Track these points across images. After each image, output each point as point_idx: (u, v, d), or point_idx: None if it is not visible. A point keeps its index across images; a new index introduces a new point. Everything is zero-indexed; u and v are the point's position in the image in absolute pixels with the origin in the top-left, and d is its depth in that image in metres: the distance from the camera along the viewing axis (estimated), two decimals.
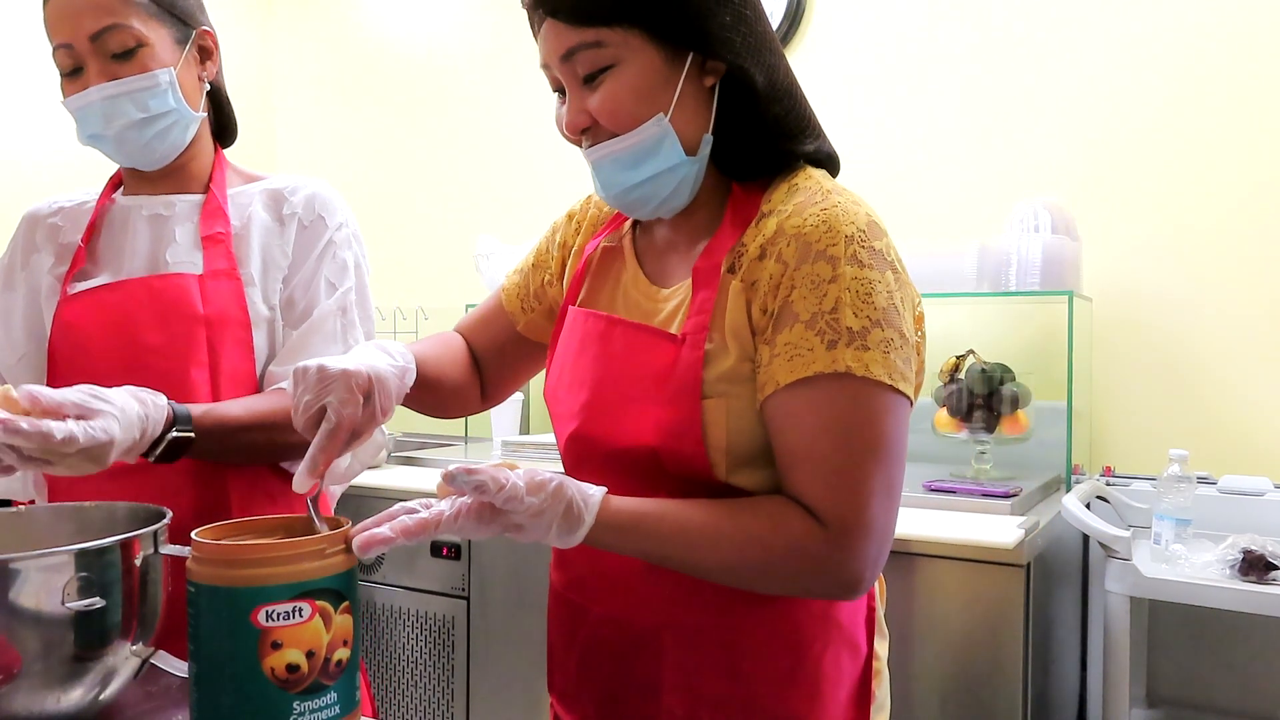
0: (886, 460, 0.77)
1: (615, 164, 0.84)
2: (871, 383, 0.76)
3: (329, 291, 1.19)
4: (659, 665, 0.87)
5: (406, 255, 3.09)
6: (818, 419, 0.77)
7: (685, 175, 0.86)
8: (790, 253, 0.80)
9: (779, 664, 0.85)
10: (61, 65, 1.11)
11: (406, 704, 2.12)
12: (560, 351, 0.96)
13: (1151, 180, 2.07)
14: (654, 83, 0.82)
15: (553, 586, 1.00)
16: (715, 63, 0.83)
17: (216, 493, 1.12)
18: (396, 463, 2.39)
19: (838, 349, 0.76)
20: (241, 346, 1.14)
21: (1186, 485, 1.60)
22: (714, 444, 0.81)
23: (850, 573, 0.77)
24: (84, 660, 0.74)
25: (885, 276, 0.79)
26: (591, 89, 0.83)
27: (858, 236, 0.78)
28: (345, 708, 0.70)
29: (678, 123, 0.83)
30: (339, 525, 0.73)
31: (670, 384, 0.82)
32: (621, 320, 0.90)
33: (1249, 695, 1.84)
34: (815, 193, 0.83)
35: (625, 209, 0.90)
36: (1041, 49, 2.18)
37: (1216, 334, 2.01)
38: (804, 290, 0.78)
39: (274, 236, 1.19)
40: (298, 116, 3.35)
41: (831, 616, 0.87)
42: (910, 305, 0.82)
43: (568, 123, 0.85)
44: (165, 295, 1.13)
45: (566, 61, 0.83)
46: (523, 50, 2.89)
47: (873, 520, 0.76)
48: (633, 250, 0.96)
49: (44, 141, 2.62)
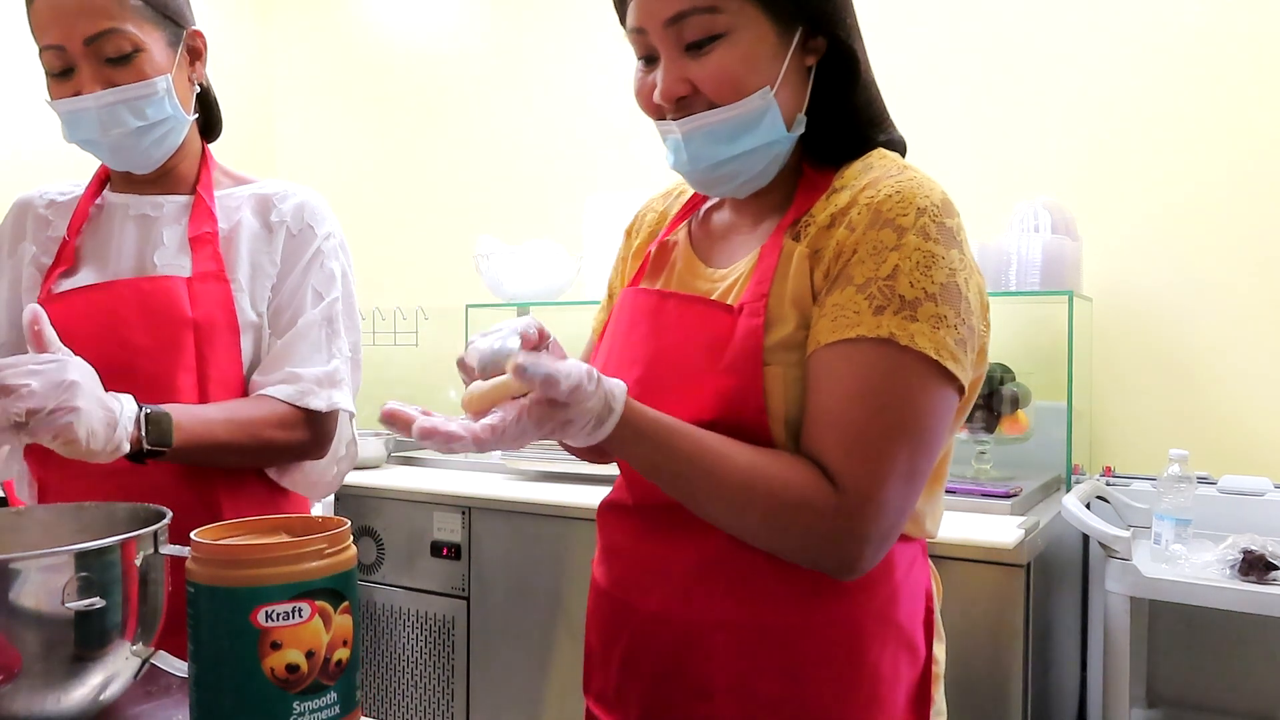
0: (916, 440, 0.75)
1: (710, 136, 0.82)
2: (915, 354, 0.74)
3: (315, 301, 1.18)
4: (711, 666, 0.83)
5: (406, 255, 3.09)
6: (853, 382, 0.75)
7: (778, 152, 0.84)
8: (860, 220, 0.78)
9: (836, 665, 0.82)
10: (50, 66, 1.09)
11: (406, 704, 2.12)
12: (610, 333, 0.94)
13: (1151, 181, 2.07)
14: (764, 54, 0.80)
15: (596, 584, 0.96)
16: (816, 42, 0.83)
17: (206, 495, 1.11)
18: (396, 463, 2.39)
19: (884, 315, 0.74)
20: (229, 350, 1.13)
21: (1186, 485, 1.60)
22: (774, 413, 0.79)
23: (851, 547, 0.74)
24: (84, 660, 0.74)
25: (950, 254, 0.77)
26: (697, 57, 0.80)
27: (930, 210, 0.77)
28: (345, 708, 0.70)
29: (780, 98, 0.81)
30: (339, 525, 0.73)
31: (729, 353, 0.80)
32: (674, 293, 0.88)
33: (1249, 695, 1.84)
34: (891, 168, 0.82)
35: (706, 185, 0.88)
36: (1042, 49, 2.18)
37: (1216, 334, 2.01)
38: (864, 254, 0.77)
39: (262, 243, 1.18)
40: (297, 117, 3.35)
41: (890, 617, 0.83)
42: (976, 291, 0.80)
43: (664, 90, 0.81)
44: (154, 298, 1.12)
45: (672, 26, 0.79)
46: (523, 50, 2.89)
47: (887, 499, 0.74)
48: (687, 239, 0.95)
49: (34, 132, 2.60)
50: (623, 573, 0.91)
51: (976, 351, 0.80)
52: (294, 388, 1.13)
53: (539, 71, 2.86)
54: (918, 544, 0.89)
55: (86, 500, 0.91)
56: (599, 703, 0.94)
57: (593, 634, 0.96)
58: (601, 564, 0.95)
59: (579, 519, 1.87)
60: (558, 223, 2.75)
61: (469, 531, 2.01)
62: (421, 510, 2.07)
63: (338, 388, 1.16)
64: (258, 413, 1.10)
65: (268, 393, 1.12)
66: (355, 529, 1.88)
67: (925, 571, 0.90)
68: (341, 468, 1.26)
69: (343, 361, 1.19)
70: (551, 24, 2.83)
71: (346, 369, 1.20)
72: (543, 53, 2.85)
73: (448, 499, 2.03)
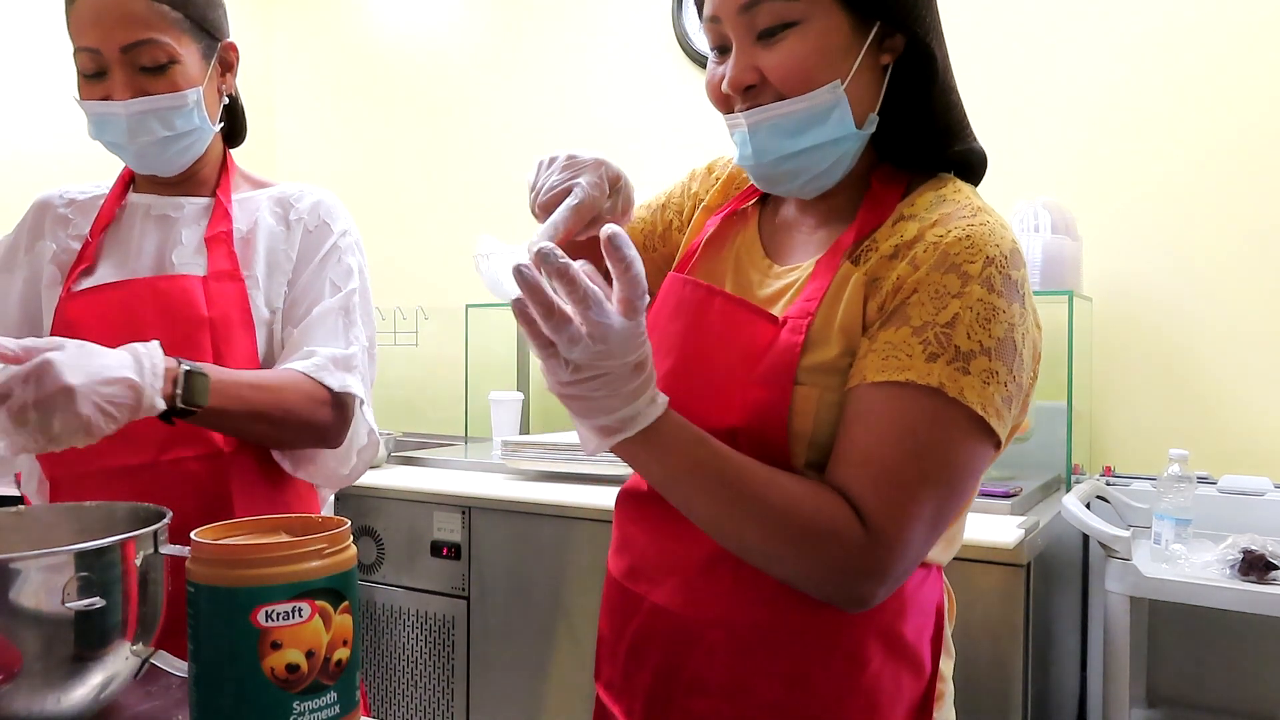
0: (947, 490, 0.74)
1: (775, 129, 0.80)
2: (961, 407, 0.73)
3: (333, 291, 1.19)
4: (710, 664, 0.83)
5: (407, 255, 3.09)
6: (895, 424, 0.74)
7: (846, 151, 0.82)
8: (925, 258, 0.77)
9: (835, 675, 0.81)
10: (84, 67, 1.10)
11: (406, 704, 2.12)
12: (652, 316, 0.91)
13: (1151, 181, 2.07)
14: (837, 46, 0.78)
15: (609, 574, 0.95)
16: (894, 40, 0.81)
17: (219, 493, 1.12)
18: (396, 462, 2.39)
19: (937, 363, 0.73)
20: (245, 347, 1.14)
21: (1186, 485, 1.60)
22: (798, 432, 0.78)
23: (866, 583, 0.74)
24: (84, 660, 0.74)
25: (1013, 309, 0.75)
26: (768, 45, 0.78)
27: (999, 260, 0.75)
28: (345, 708, 0.70)
29: (851, 94, 0.79)
30: (339, 525, 0.73)
31: (764, 364, 0.79)
32: (722, 292, 0.86)
33: (1249, 695, 1.84)
34: (965, 207, 0.80)
35: (770, 181, 0.86)
36: (1042, 49, 2.18)
37: (1216, 334, 2.01)
38: (924, 296, 0.75)
39: (279, 240, 1.21)
40: (298, 117, 3.35)
41: (895, 631, 0.82)
42: (1031, 347, 0.78)
43: (732, 78, 0.80)
44: (170, 296, 1.13)
45: (745, 13, 0.78)
46: (523, 50, 2.89)
47: (910, 542, 0.73)
48: (757, 220, 0.93)
49: (49, 132, 2.61)
50: (634, 563, 0.91)
51: (1020, 407, 0.79)
52: (310, 361, 1.13)
53: (539, 72, 2.86)
54: (934, 567, 0.88)
55: (99, 499, 0.92)
56: (608, 691, 0.94)
57: (604, 622, 0.95)
58: (616, 554, 0.95)
59: (579, 519, 1.87)
60: None
61: (469, 531, 2.01)
62: (421, 510, 2.07)
63: (351, 372, 1.16)
64: (285, 383, 1.10)
65: (290, 366, 1.13)
66: (355, 529, 1.88)
67: (938, 589, 0.89)
68: (364, 456, 1.24)
69: (360, 350, 1.19)
70: (552, 24, 2.83)
71: (363, 359, 1.20)
72: (543, 53, 2.85)
73: (448, 499, 2.03)
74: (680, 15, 2.58)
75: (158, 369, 0.95)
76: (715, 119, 0.87)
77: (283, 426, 1.10)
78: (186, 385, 0.97)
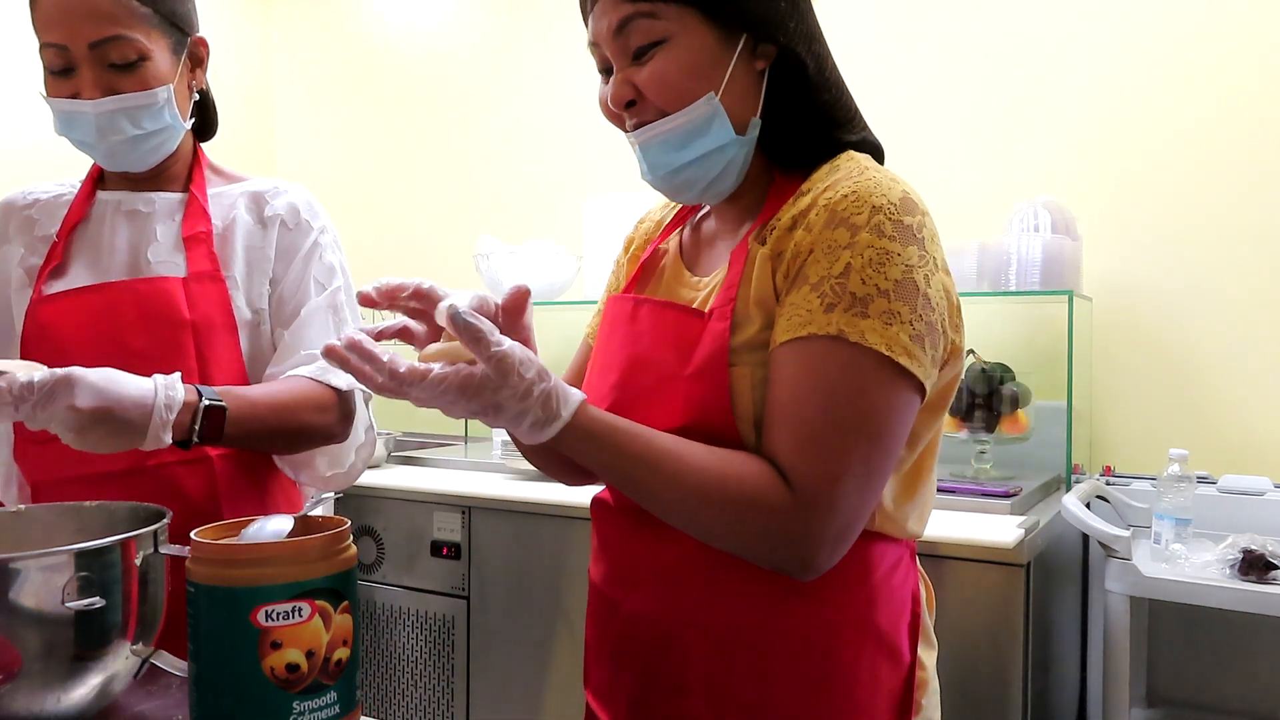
0: (871, 438, 0.74)
1: (663, 145, 0.84)
2: (866, 351, 0.74)
3: (318, 290, 1.19)
4: (686, 666, 0.84)
5: (406, 255, 3.09)
6: (805, 380, 0.75)
7: (733, 156, 0.85)
8: (817, 221, 0.79)
9: (810, 669, 0.81)
10: (50, 63, 1.07)
11: (406, 704, 2.12)
12: (597, 339, 0.96)
13: (1151, 180, 2.07)
14: (706, 61, 0.81)
15: (591, 581, 0.97)
16: (766, 46, 0.83)
17: (205, 497, 1.11)
18: (396, 462, 2.39)
19: (835, 312, 0.75)
20: (228, 349, 1.13)
21: (1186, 485, 1.60)
22: (742, 414, 0.79)
23: (805, 546, 0.74)
24: (84, 660, 0.74)
25: (908, 250, 0.76)
26: (640, 64, 0.82)
27: (886, 208, 0.77)
28: (345, 707, 0.70)
29: (728, 103, 0.82)
30: (339, 525, 0.73)
31: (697, 358, 0.81)
32: (647, 299, 0.90)
33: (1249, 695, 1.84)
34: (853, 169, 0.82)
35: (672, 192, 0.89)
36: (1042, 49, 2.18)
37: (1216, 334, 2.01)
38: (819, 254, 0.77)
39: (257, 239, 1.19)
40: (297, 116, 3.35)
41: (868, 620, 0.83)
42: (940, 289, 0.79)
43: (611, 96, 0.84)
44: (151, 299, 1.11)
45: (619, 35, 0.82)
46: (523, 50, 2.89)
47: (841, 498, 0.73)
48: (678, 247, 0.96)
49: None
50: (610, 570, 0.92)
51: (944, 350, 0.80)
52: (316, 365, 1.13)
53: (539, 72, 2.86)
54: (902, 546, 0.88)
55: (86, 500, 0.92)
56: (596, 696, 0.96)
57: (589, 630, 0.97)
58: (595, 562, 0.97)
59: (579, 519, 1.87)
60: (557, 223, 2.75)
61: (469, 531, 2.01)
62: (421, 510, 2.07)
63: None
64: (295, 395, 1.10)
65: (296, 373, 1.13)
66: (355, 529, 1.88)
67: (912, 575, 0.90)
68: (362, 455, 1.25)
69: None
70: (552, 24, 2.83)
71: None
72: (543, 53, 2.85)
73: (448, 499, 2.03)
74: None
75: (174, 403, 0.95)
76: None
77: (296, 438, 1.12)
78: (205, 420, 0.98)
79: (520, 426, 0.71)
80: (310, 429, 1.12)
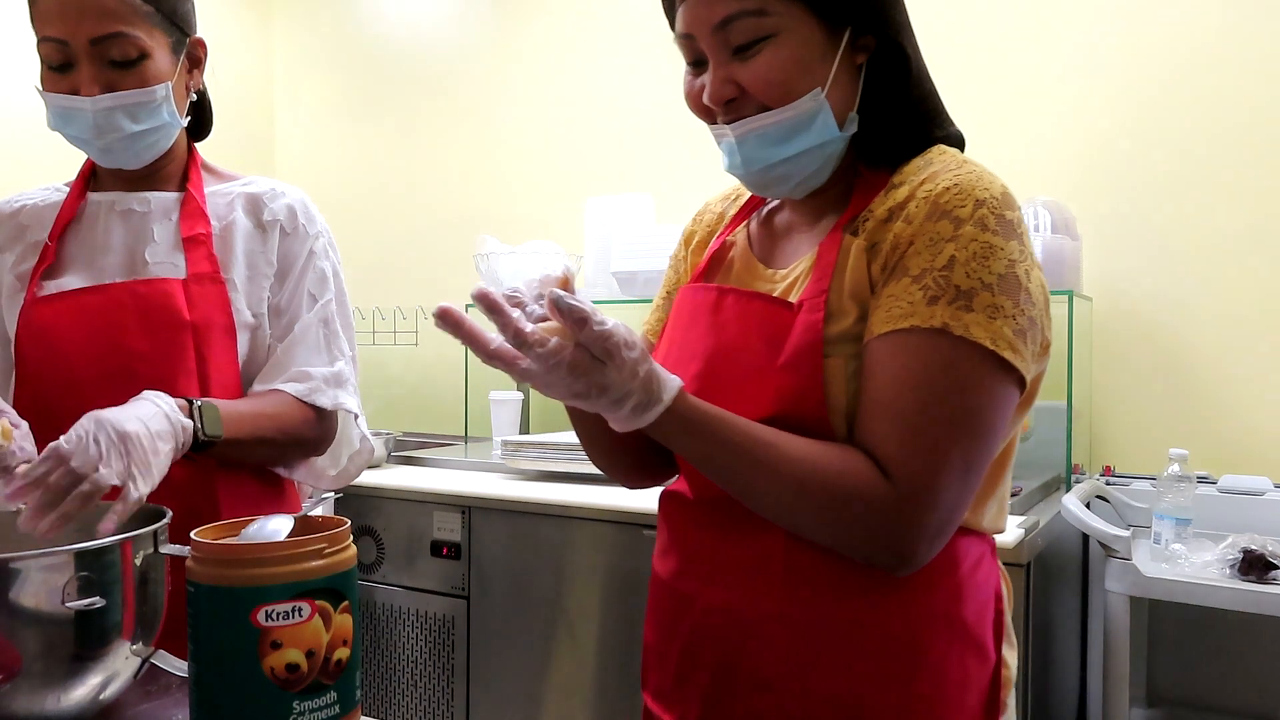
0: (972, 433, 0.74)
1: (762, 139, 0.82)
2: (970, 345, 0.73)
3: (310, 304, 1.19)
4: (770, 659, 0.82)
5: (406, 255, 3.09)
6: (906, 373, 0.74)
7: (832, 152, 0.84)
8: (918, 213, 0.78)
9: (899, 664, 0.80)
10: (48, 57, 1.06)
11: (406, 704, 2.12)
12: (669, 330, 0.93)
13: (1151, 180, 2.07)
14: (814, 56, 0.80)
15: (656, 578, 0.95)
16: (866, 39, 0.83)
17: (206, 496, 1.11)
18: (396, 462, 2.39)
19: (939, 305, 0.74)
20: (227, 352, 1.13)
21: (1186, 485, 1.60)
22: (835, 406, 0.78)
23: (905, 540, 0.73)
24: (84, 660, 0.74)
25: (1010, 245, 0.76)
26: (744, 60, 0.80)
27: (989, 202, 0.76)
28: (345, 707, 0.70)
29: (831, 98, 0.81)
30: (339, 525, 0.73)
31: (788, 349, 0.79)
32: (733, 289, 0.87)
33: (1249, 695, 1.84)
34: (951, 162, 0.82)
35: (761, 187, 0.88)
36: (1042, 50, 2.18)
37: (1216, 334, 2.01)
38: (920, 246, 0.76)
39: (257, 243, 1.18)
40: (297, 116, 3.34)
41: (955, 615, 0.81)
42: (1038, 285, 0.78)
43: (711, 94, 0.82)
44: (150, 301, 1.10)
45: (720, 30, 0.79)
46: (523, 51, 2.89)
47: (942, 492, 0.72)
48: (746, 240, 0.95)
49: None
50: (683, 565, 0.90)
51: (1040, 345, 0.79)
52: (304, 385, 1.15)
53: (539, 72, 2.86)
54: (984, 541, 0.87)
55: None
56: (657, 699, 0.93)
57: (651, 628, 0.95)
58: (662, 556, 0.94)
59: (579, 519, 1.87)
60: (558, 223, 2.74)
61: (469, 531, 2.01)
62: (421, 510, 2.07)
63: (343, 388, 1.19)
64: (279, 408, 1.12)
65: (279, 387, 1.14)
66: (355, 529, 1.88)
67: (994, 571, 0.89)
68: (356, 461, 1.28)
69: (346, 363, 1.21)
70: (552, 25, 2.83)
71: (350, 370, 1.22)
72: (543, 54, 2.85)
73: (448, 499, 2.03)
74: None
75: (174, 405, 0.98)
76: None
77: (283, 448, 1.15)
78: (202, 416, 1.00)
79: (622, 410, 0.70)
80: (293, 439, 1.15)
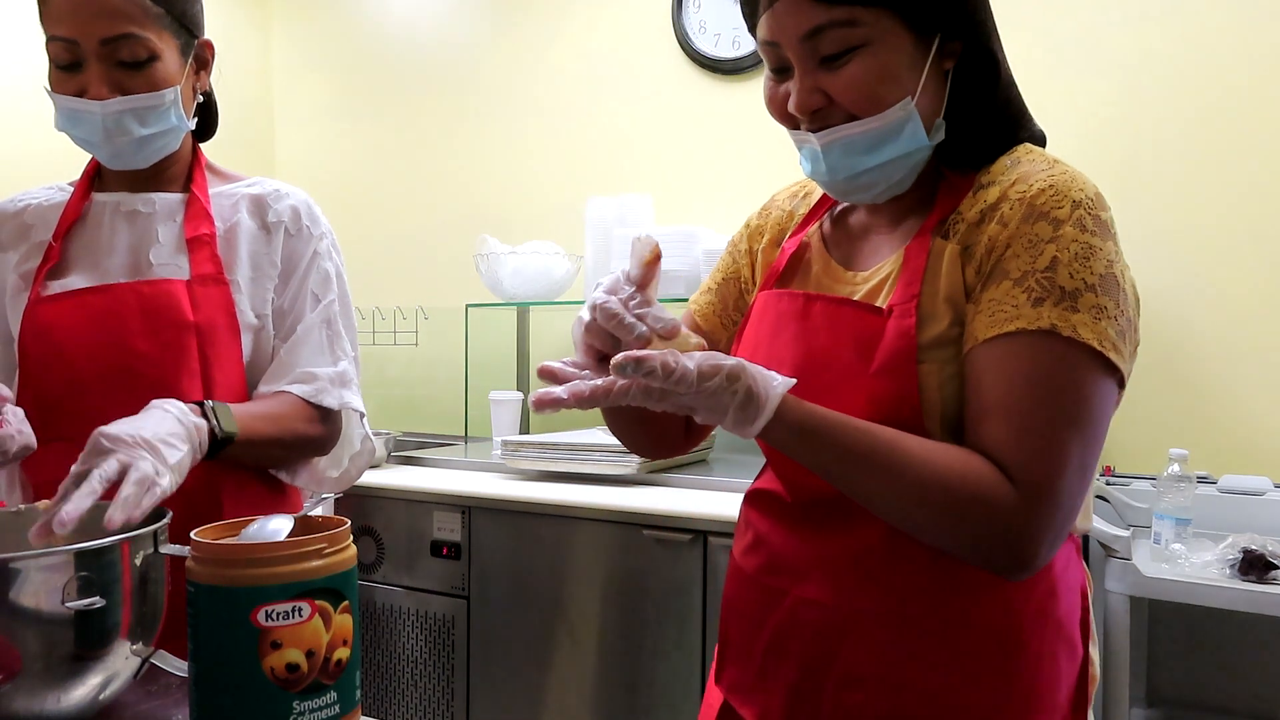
0: (1086, 432, 0.74)
1: (849, 147, 0.81)
2: (1078, 345, 0.73)
3: (313, 305, 1.19)
4: (863, 654, 0.81)
5: (406, 255, 3.09)
6: (1019, 375, 0.74)
7: (918, 161, 0.84)
8: (1013, 214, 0.77)
9: (994, 661, 0.80)
10: (57, 57, 1.06)
11: (406, 704, 2.12)
12: (751, 336, 0.92)
13: (1151, 179, 2.07)
14: (903, 65, 0.79)
15: (740, 573, 0.94)
16: (953, 45, 0.82)
17: (209, 496, 1.11)
18: (397, 462, 2.39)
19: (1044, 306, 0.74)
20: (231, 353, 1.13)
21: (1186, 485, 1.60)
22: (930, 411, 0.78)
23: (1030, 542, 0.72)
24: (84, 660, 0.74)
25: (1108, 246, 0.76)
26: (833, 69, 0.79)
27: (1085, 203, 0.77)
28: (345, 707, 0.70)
29: (920, 107, 0.81)
30: (339, 525, 0.73)
31: (881, 355, 0.79)
32: (820, 295, 0.87)
33: (1249, 695, 1.84)
34: (1041, 162, 0.81)
35: (845, 194, 0.87)
36: (1042, 51, 2.18)
37: (1217, 334, 2.01)
38: (1019, 248, 0.76)
39: (262, 245, 1.19)
40: (297, 116, 3.34)
41: (1050, 612, 0.82)
42: (1131, 285, 0.78)
43: (798, 104, 0.81)
44: (154, 301, 1.10)
45: (809, 40, 0.78)
46: (524, 51, 2.89)
47: (1064, 491, 0.72)
48: (821, 243, 0.94)
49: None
50: (773, 559, 0.90)
51: (1133, 345, 0.79)
52: (310, 386, 1.16)
53: (540, 72, 2.86)
54: (1072, 540, 0.88)
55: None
56: (735, 692, 0.92)
57: (732, 623, 0.94)
58: (748, 552, 0.94)
59: (579, 519, 1.87)
60: (558, 223, 2.74)
61: (469, 531, 2.01)
62: (421, 510, 2.07)
63: (348, 388, 1.20)
64: (286, 410, 1.13)
65: (286, 389, 1.15)
66: (355, 529, 1.88)
67: (1081, 569, 0.89)
68: (358, 462, 1.29)
69: (350, 363, 1.21)
70: (553, 25, 2.83)
71: (354, 370, 1.22)
72: (544, 53, 2.85)
73: (448, 498, 2.03)
74: (680, 16, 2.58)
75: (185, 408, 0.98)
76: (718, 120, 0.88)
77: (291, 448, 1.16)
78: (217, 415, 1.01)
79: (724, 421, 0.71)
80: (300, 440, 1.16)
